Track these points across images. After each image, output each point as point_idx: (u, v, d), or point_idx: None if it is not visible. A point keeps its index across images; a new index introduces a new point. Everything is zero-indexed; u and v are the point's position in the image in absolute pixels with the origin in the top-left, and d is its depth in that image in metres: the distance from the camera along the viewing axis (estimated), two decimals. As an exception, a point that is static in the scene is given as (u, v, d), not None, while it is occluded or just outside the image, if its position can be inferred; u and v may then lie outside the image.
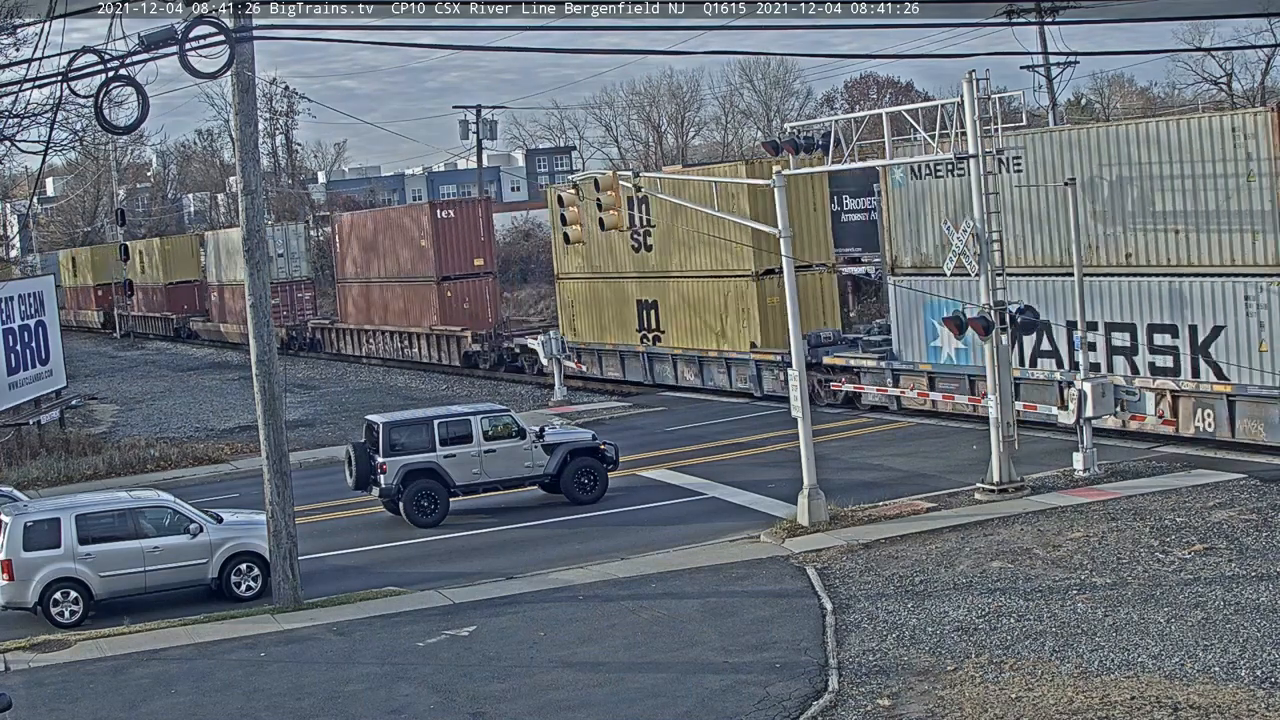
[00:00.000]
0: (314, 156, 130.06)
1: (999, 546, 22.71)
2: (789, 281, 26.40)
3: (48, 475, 36.79)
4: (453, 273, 53.80)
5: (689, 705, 17.16)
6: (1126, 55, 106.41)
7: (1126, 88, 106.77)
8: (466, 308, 53.39)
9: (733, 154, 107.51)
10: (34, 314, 43.09)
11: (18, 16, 34.77)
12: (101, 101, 19.25)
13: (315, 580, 24.62)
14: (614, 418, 40.60)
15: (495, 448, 29.09)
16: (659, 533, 26.47)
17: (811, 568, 22.72)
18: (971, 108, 26.09)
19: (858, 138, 28.64)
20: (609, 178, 30.02)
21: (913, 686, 17.03)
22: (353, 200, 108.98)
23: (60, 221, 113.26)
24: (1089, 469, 27.15)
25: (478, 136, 75.19)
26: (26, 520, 23.75)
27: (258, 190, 23.54)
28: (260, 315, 23.40)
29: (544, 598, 22.43)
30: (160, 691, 19.49)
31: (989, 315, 26.22)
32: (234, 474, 36.74)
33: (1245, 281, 27.62)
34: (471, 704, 17.89)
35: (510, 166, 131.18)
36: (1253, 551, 21.16)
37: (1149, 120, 31.15)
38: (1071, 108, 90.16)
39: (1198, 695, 15.78)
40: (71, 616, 23.44)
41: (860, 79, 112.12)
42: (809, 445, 25.66)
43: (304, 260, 65.73)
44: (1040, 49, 57.26)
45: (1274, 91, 77.59)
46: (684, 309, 43.24)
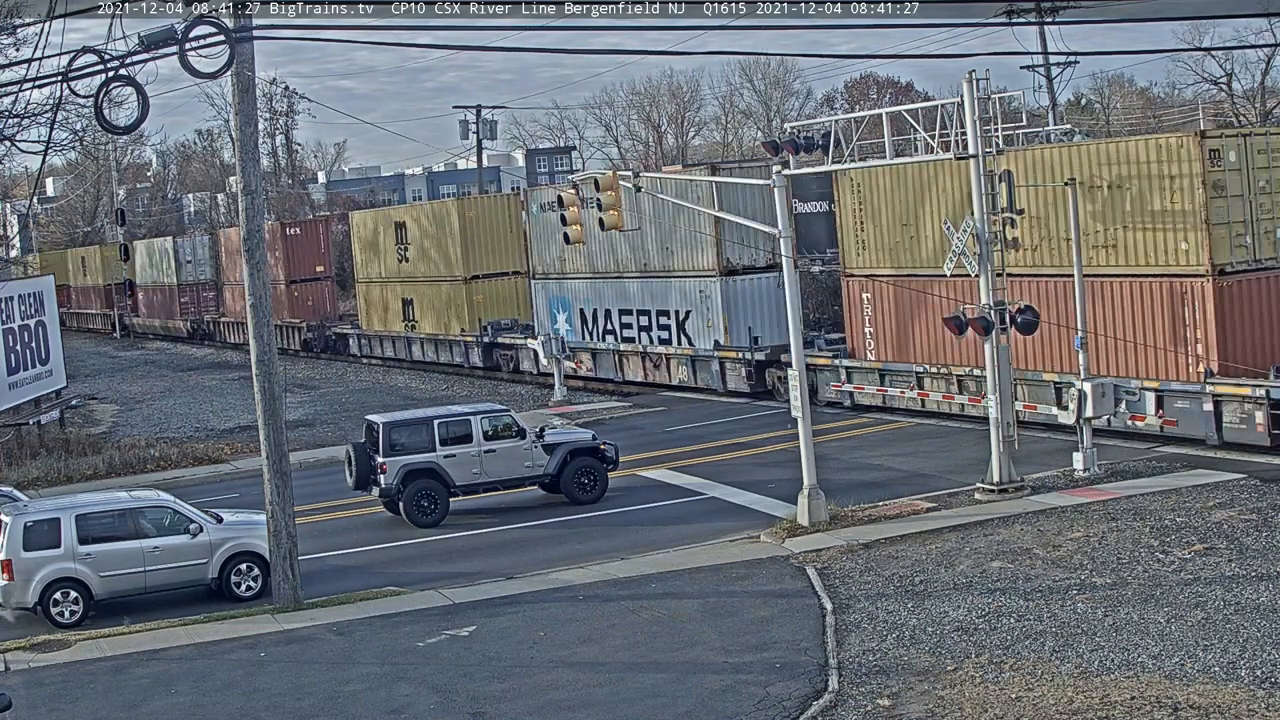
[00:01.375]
0: (314, 156, 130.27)
1: (999, 546, 22.71)
2: (789, 283, 26.40)
3: (48, 475, 36.79)
4: (299, 276, 65.92)
5: (689, 705, 17.16)
6: (1126, 55, 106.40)
7: (1126, 88, 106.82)
8: (310, 304, 66.29)
9: (733, 154, 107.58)
10: (34, 314, 43.10)
11: (18, 16, 34.76)
12: (101, 101, 19.25)
13: (315, 580, 24.61)
14: (614, 418, 40.61)
15: (495, 448, 29.09)
16: (659, 533, 26.47)
17: (811, 568, 22.72)
18: (971, 108, 26.09)
19: (858, 138, 28.65)
20: (609, 178, 30.06)
21: (913, 686, 17.03)
22: (353, 200, 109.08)
23: (60, 221, 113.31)
24: (1089, 469, 27.15)
25: (478, 136, 75.22)
26: (26, 520, 23.74)
27: (258, 190, 23.54)
28: (260, 315, 23.38)
29: (544, 598, 22.43)
30: (160, 691, 19.49)
31: (989, 315, 26.23)
32: (234, 474, 36.74)
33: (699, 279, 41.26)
34: (471, 704, 17.89)
35: (510, 166, 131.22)
36: (1253, 551, 21.16)
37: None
38: (1071, 107, 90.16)
39: (1198, 695, 15.78)
40: (71, 616, 23.43)
41: (860, 79, 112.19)
42: (809, 445, 25.66)
43: (208, 265, 77.00)
44: (1040, 49, 57.29)
45: (1274, 91, 77.57)
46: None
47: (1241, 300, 28.76)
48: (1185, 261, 28.94)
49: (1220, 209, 28.50)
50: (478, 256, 54.10)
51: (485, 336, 52.21)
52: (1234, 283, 28.69)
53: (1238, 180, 28.81)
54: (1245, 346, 28.76)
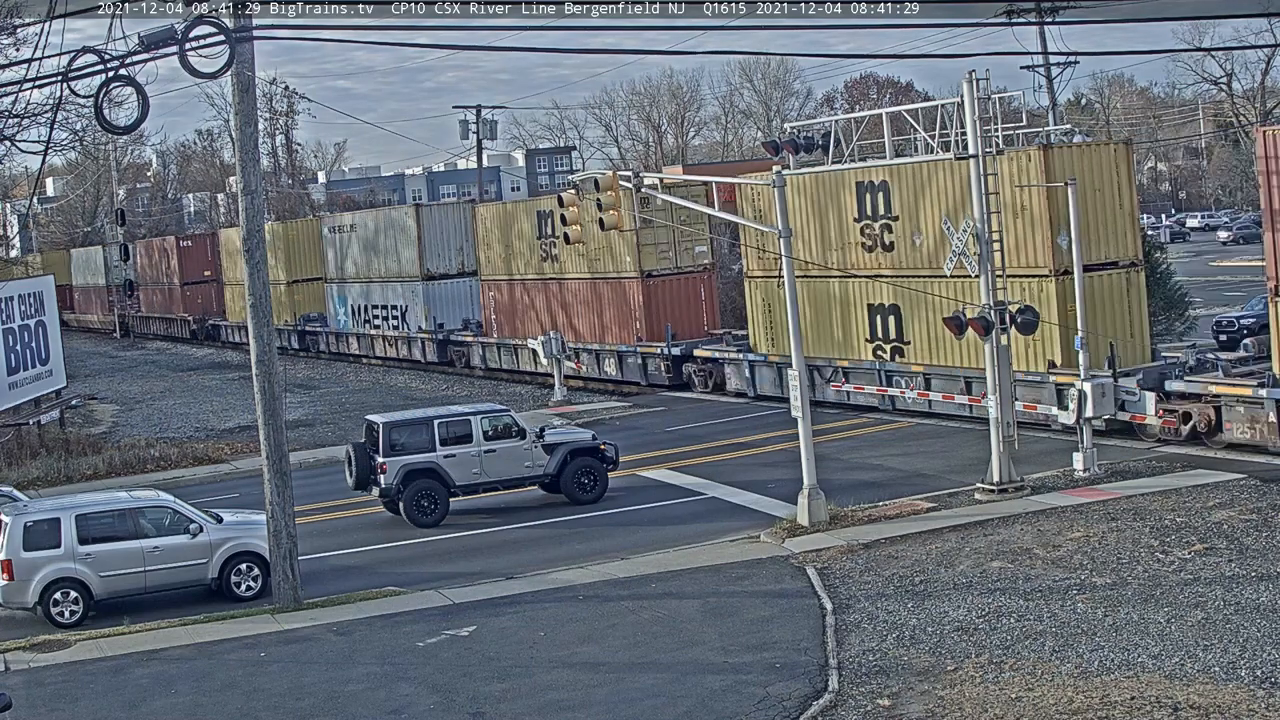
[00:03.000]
0: (314, 156, 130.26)
1: (999, 546, 22.71)
2: (788, 282, 26.40)
3: (48, 475, 36.77)
4: (191, 279, 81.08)
5: (689, 705, 17.16)
6: (1126, 55, 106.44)
7: (1126, 88, 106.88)
8: (200, 302, 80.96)
9: (733, 154, 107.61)
10: (34, 314, 43.09)
11: (18, 16, 34.78)
12: (101, 101, 19.25)
13: (315, 580, 24.61)
14: (614, 418, 40.62)
15: (495, 448, 29.08)
16: (659, 533, 26.47)
17: (811, 568, 22.72)
18: (971, 108, 26.09)
19: (858, 138, 28.67)
20: (609, 178, 30.01)
21: (913, 686, 17.03)
22: (353, 200, 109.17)
23: (60, 221, 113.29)
24: (1089, 469, 27.15)
25: (478, 136, 75.17)
26: (26, 520, 23.73)
27: (258, 190, 23.53)
28: (260, 315, 23.38)
29: (544, 598, 22.43)
30: (160, 691, 19.49)
31: (989, 315, 26.23)
32: (234, 474, 36.74)
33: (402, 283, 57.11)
34: (471, 704, 17.89)
35: (510, 166, 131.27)
36: (1253, 551, 21.16)
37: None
38: (1071, 108, 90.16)
39: (1198, 695, 15.78)
40: (71, 616, 23.43)
41: (860, 79, 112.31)
42: (809, 445, 25.65)
43: (132, 270, 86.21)
44: (1040, 49, 57.22)
45: (1274, 91, 77.59)
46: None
47: None
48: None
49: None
50: (295, 266, 68.93)
51: (300, 326, 68.12)
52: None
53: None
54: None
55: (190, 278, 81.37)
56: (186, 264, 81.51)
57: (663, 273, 45.01)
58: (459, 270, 56.49)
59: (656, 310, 44.93)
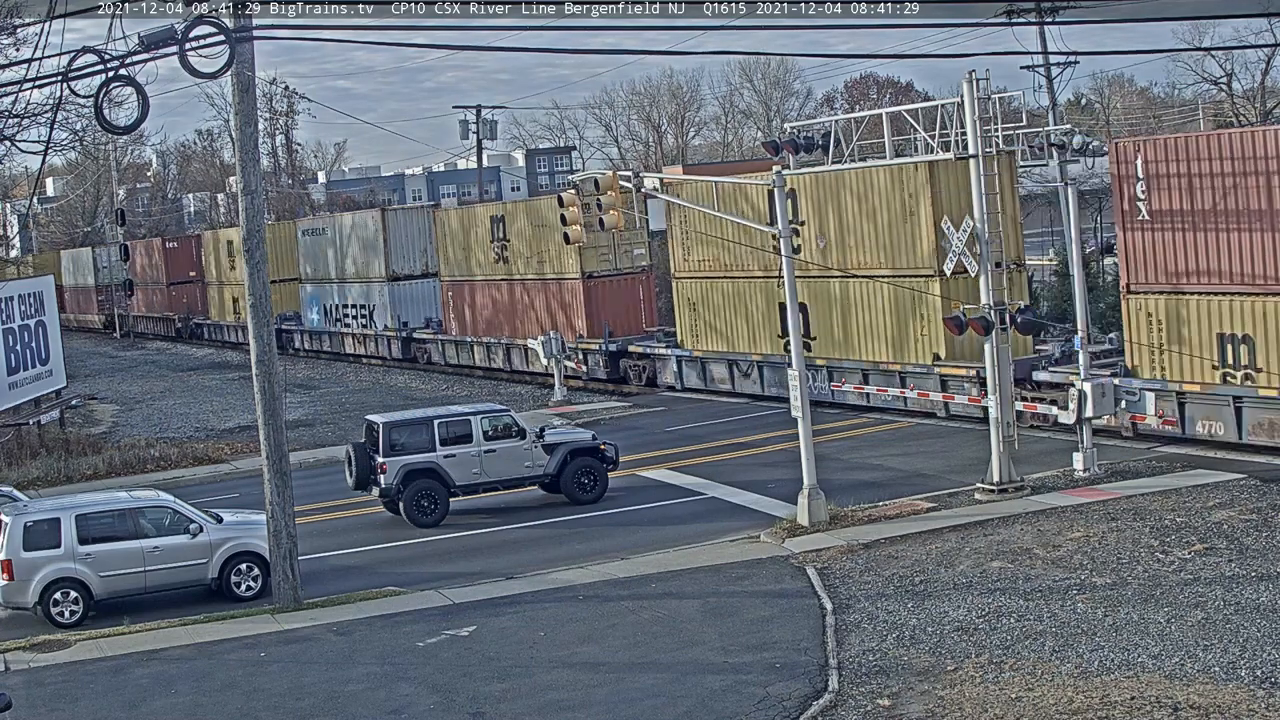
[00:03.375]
0: (314, 156, 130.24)
1: (999, 546, 22.71)
2: (788, 282, 26.41)
3: (48, 475, 36.77)
4: (176, 279, 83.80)
5: (689, 705, 17.16)
6: (1126, 55, 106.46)
7: (1126, 88, 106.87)
8: (185, 301, 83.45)
9: (733, 154, 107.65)
10: (34, 314, 43.09)
11: (18, 16, 34.78)
12: (101, 101, 19.25)
13: (315, 580, 24.61)
14: (614, 418, 40.62)
15: (495, 448, 29.09)
16: (659, 533, 26.47)
17: (811, 568, 22.72)
18: (971, 108, 26.10)
19: (858, 138, 28.67)
20: (609, 178, 30.02)
21: (913, 686, 17.03)
22: (353, 200, 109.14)
23: (60, 221, 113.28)
24: (1089, 469, 27.16)
25: (478, 136, 75.15)
26: (26, 520, 23.74)
27: (258, 190, 23.53)
28: (260, 315, 23.38)
29: (544, 598, 22.43)
30: (160, 691, 19.49)
31: (989, 315, 26.23)
32: (234, 474, 36.74)
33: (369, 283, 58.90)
34: (471, 704, 17.89)
35: (510, 166, 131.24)
36: (1253, 551, 21.16)
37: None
38: (1071, 108, 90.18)
39: (1198, 695, 15.78)
40: (71, 616, 23.43)
41: (860, 79, 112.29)
42: (809, 445, 25.65)
43: (122, 271, 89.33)
44: (1040, 49, 57.20)
45: (1274, 91, 77.61)
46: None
47: None
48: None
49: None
50: (273, 267, 71.74)
51: (276, 325, 75.26)
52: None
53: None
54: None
55: (176, 278, 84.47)
56: (172, 265, 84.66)
57: (603, 274, 47.75)
58: (423, 271, 59.05)
59: (597, 309, 47.55)
